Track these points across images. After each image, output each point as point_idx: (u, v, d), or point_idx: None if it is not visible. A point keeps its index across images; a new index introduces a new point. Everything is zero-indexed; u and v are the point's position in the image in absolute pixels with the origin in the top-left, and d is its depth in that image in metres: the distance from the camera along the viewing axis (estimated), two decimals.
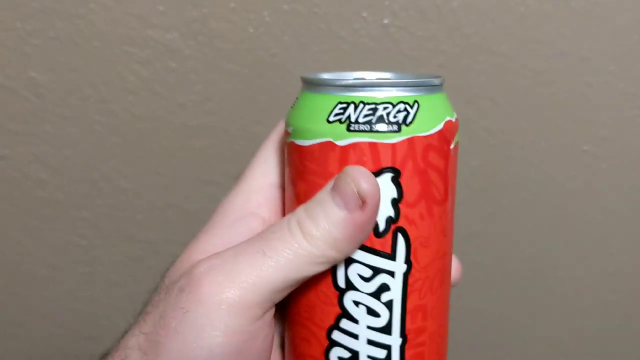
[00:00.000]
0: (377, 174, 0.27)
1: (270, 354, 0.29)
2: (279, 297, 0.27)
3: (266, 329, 0.27)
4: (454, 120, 0.29)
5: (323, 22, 0.55)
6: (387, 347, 0.28)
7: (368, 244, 0.27)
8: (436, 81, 0.29)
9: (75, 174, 0.58)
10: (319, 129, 0.27)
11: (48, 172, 0.58)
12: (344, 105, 0.27)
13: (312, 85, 0.29)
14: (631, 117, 0.59)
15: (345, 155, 0.27)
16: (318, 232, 0.26)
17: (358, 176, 0.26)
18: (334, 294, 0.28)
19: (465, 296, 0.65)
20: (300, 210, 0.27)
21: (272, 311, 0.27)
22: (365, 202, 0.26)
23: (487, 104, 0.58)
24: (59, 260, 0.61)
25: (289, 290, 0.27)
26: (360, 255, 0.28)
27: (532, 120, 0.59)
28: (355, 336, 0.28)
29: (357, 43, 0.55)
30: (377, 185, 0.26)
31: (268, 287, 0.26)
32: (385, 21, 0.55)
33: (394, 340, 0.28)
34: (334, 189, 0.27)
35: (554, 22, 0.56)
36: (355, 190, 0.26)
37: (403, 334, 0.28)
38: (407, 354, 0.29)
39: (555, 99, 0.58)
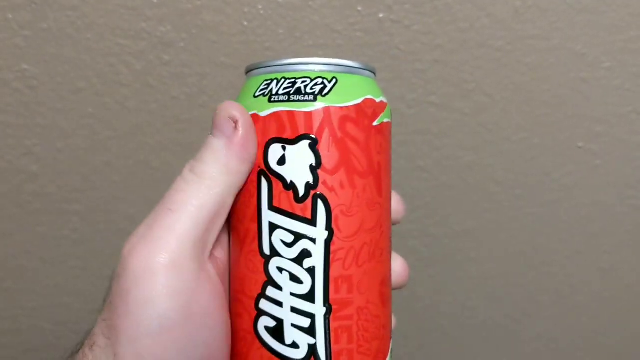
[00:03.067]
0: (295, 140, 0.29)
1: (222, 313, 0.29)
2: (207, 244, 0.29)
3: (209, 284, 0.28)
4: (377, 100, 0.31)
5: (318, 16, 0.55)
6: (311, 316, 0.29)
7: (289, 209, 0.29)
8: (354, 64, 0.30)
9: (67, 167, 0.58)
10: (246, 104, 0.30)
11: (40, 164, 0.57)
12: (268, 81, 0.30)
13: (249, 71, 0.31)
14: (626, 113, 0.59)
15: (267, 124, 0.29)
16: (208, 167, 0.29)
17: (224, 106, 0.29)
18: (260, 261, 0.29)
19: (458, 293, 0.64)
20: (191, 161, 0.30)
21: (211, 265, 0.29)
22: (237, 122, 0.29)
23: (482, 99, 0.58)
24: (49, 253, 0.60)
25: (212, 233, 0.29)
26: (282, 220, 0.29)
27: (527, 116, 0.59)
28: (279, 304, 0.29)
29: (352, 37, 0.55)
30: (243, 108, 0.29)
31: (189, 239, 0.27)
32: (381, 15, 0.55)
33: (318, 309, 0.29)
34: (212, 127, 0.30)
35: (549, 17, 0.56)
36: (226, 116, 0.29)
37: (327, 303, 0.29)
38: (333, 325, 0.29)
39: (550, 95, 0.58)
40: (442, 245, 0.63)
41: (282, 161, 0.29)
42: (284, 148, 0.29)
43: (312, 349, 0.29)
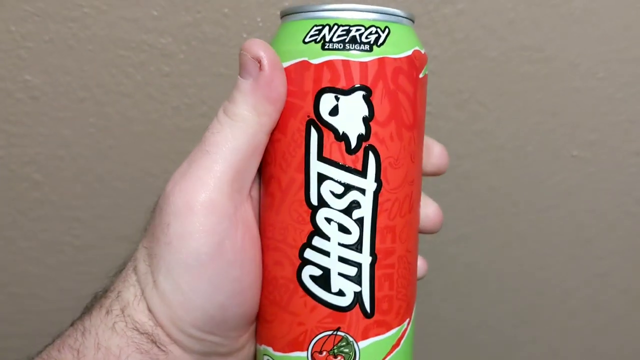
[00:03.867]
0: (350, 91, 0.28)
1: (254, 252, 0.30)
2: (243, 184, 0.30)
3: (243, 223, 0.30)
4: (422, 52, 0.31)
5: None
6: (358, 265, 0.29)
7: (340, 160, 0.29)
8: (404, 13, 0.30)
9: (69, 175, 0.59)
10: (295, 49, 0.29)
11: (43, 173, 0.58)
12: (319, 27, 0.29)
13: (289, 14, 0.30)
14: (619, 122, 0.60)
15: (320, 72, 0.28)
16: (239, 108, 0.29)
17: (249, 45, 0.29)
18: (306, 212, 0.29)
19: (455, 297, 0.65)
20: (224, 102, 0.30)
21: (247, 208, 0.30)
22: (261, 61, 0.28)
23: (477, 108, 0.59)
24: (52, 259, 0.61)
25: (248, 174, 0.30)
26: (332, 171, 0.29)
27: (522, 125, 0.60)
28: (327, 253, 0.29)
29: None
30: (268, 46, 0.29)
31: (226, 179, 0.28)
32: None
33: (364, 258, 0.29)
34: (239, 67, 0.29)
35: (543, 28, 0.57)
36: (250, 57, 0.29)
37: (373, 252, 0.29)
38: (377, 273, 0.30)
39: (544, 104, 0.59)
40: (438, 251, 0.64)
41: (334, 112, 0.29)
42: (337, 98, 0.28)
43: (358, 296, 0.29)
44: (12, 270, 0.61)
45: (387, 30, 0.29)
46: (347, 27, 0.28)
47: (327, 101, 0.28)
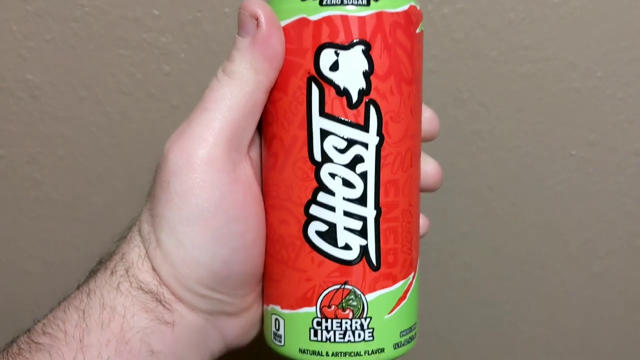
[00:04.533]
0: (349, 46, 0.29)
1: (256, 209, 0.31)
2: (241, 141, 0.30)
3: (243, 181, 0.30)
4: (418, 8, 0.31)
5: None
6: (363, 219, 0.30)
7: (342, 115, 0.29)
8: None
9: (69, 174, 0.59)
10: (293, 7, 0.29)
11: (43, 172, 0.58)
12: None
13: None
14: (618, 122, 0.60)
15: (319, 29, 0.29)
16: (236, 66, 0.29)
17: (247, 4, 0.29)
18: (310, 168, 0.29)
19: (453, 296, 0.65)
20: (225, 61, 0.31)
21: (246, 167, 0.30)
22: (258, 19, 0.29)
23: (476, 107, 0.59)
24: (53, 258, 0.61)
25: (246, 132, 0.30)
26: (334, 126, 0.29)
27: (521, 124, 0.60)
28: (332, 208, 0.30)
29: None
30: (266, 4, 0.29)
31: (224, 135, 0.29)
32: None
33: (369, 211, 0.30)
34: (238, 26, 0.30)
35: (542, 28, 0.57)
36: (247, 14, 0.29)
37: (377, 206, 0.30)
38: (382, 226, 0.30)
39: (543, 104, 0.59)
40: (437, 250, 0.64)
41: (335, 67, 0.29)
42: (337, 54, 0.29)
43: (364, 249, 0.30)
44: (11, 268, 0.61)
45: None
46: None
47: (327, 57, 0.29)
